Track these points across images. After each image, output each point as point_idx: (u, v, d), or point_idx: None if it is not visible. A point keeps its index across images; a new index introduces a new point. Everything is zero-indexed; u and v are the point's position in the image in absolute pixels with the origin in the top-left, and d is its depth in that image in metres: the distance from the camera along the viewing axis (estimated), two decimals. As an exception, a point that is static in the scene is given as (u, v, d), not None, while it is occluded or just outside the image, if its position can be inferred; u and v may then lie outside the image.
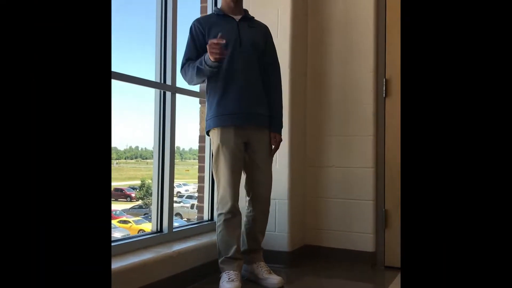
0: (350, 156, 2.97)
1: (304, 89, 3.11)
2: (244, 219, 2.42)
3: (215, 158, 2.29)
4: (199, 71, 2.19)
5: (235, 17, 2.33)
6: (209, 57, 2.10)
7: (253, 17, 2.42)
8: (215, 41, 2.05)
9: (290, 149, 2.83)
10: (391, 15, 2.93)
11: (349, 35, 3.01)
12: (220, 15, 2.34)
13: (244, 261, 2.40)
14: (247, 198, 2.40)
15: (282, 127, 2.42)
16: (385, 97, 2.92)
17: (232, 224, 2.28)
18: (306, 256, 3.00)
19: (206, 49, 2.23)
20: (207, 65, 2.14)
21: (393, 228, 2.86)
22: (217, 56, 2.07)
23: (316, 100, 3.10)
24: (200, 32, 2.29)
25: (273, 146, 2.38)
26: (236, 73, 2.25)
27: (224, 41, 2.05)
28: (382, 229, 2.89)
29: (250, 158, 2.33)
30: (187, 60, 2.29)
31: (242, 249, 2.40)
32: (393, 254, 2.84)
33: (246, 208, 2.40)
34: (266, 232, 2.48)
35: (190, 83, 2.34)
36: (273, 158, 2.43)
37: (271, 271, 2.35)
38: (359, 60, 2.97)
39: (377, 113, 2.93)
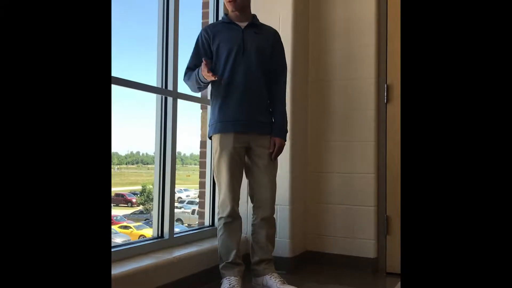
0: (352, 162, 2.96)
1: (305, 95, 3.11)
2: (250, 228, 2.41)
3: (216, 162, 2.30)
4: (197, 81, 2.29)
5: (241, 24, 2.34)
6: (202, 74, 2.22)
7: (261, 24, 2.43)
8: (204, 63, 2.17)
9: (292, 155, 2.83)
10: (392, 21, 2.93)
11: (351, 41, 3.02)
12: (226, 23, 2.36)
13: (256, 274, 2.36)
14: (252, 205, 2.39)
15: (284, 132, 2.38)
16: (386, 103, 2.93)
17: (232, 228, 2.28)
18: (307, 262, 2.99)
19: (211, 55, 2.32)
20: (200, 80, 2.26)
21: (395, 234, 2.86)
22: (207, 75, 2.18)
23: (318, 105, 3.10)
24: (206, 41, 2.34)
25: (271, 150, 2.33)
26: (238, 80, 2.27)
27: (209, 63, 2.18)
28: (383, 235, 2.88)
29: (252, 162, 2.33)
30: (187, 69, 2.37)
31: (253, 260, 2.37)
32: (395, 260, 2.83)
33: (252, 216, 2.39)
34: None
35: (193, 91, 2.44)
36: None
37: (285, 282, 2.30)
38: (361, 66, 2.97)
39: (379, 118, 2.93)
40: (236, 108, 2.26)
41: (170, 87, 2.53)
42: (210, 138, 2.37)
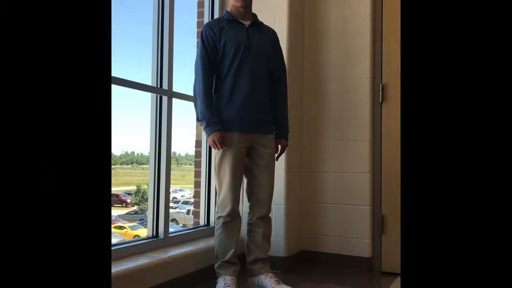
0: (347, 162, 2.97)
1: (301, 94, 3.11)
2: (246, 227, 2.41)
3: (218, 161, 2.29)
4: (202, 114, 2.24)
5: (244, 22, 2.34)
6: (209, 136, 2.22)
7: (262, 22, 2.43)
8: (219, 142, 2.21)
9: (287, 154, 2.83)
10: (387, 21, 2.94)
11: (346, 41, 3.02)
12: (229, 20, 2.33)
13: (251, 273, 2.36)
14: (248, 204, 2.39)
15: (288, 132, 2.45)
16: (381, 102, 2.93)
17: (231, 227, 2.27)
18: (302, 261, 2.99)
19: (217, 52, 2.26)
20: (205, 126, 2.23)
21: (390, 233, 2.86)
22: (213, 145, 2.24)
23: (313, 105, 3.10)
24: (211, 38, 2.28)
25: (277, 152, 2.42)
26: (243, 79, 2.26)
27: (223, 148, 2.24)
28: (378, 235, 2.89)
29: (252, 162, 2.33)
30: (205, 69, 2.25)
31: (248, 259, 2.37)
32: (390, 259, 2.84)
33: (247, 215, 2.39)
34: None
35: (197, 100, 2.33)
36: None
37: (280, 282, 2.30)
38: (356, 66, 2.97)
39: (374, 118, 2.94)
40: (241, 107, 2.25)
41: (165, 86, 2.52)
42: None
